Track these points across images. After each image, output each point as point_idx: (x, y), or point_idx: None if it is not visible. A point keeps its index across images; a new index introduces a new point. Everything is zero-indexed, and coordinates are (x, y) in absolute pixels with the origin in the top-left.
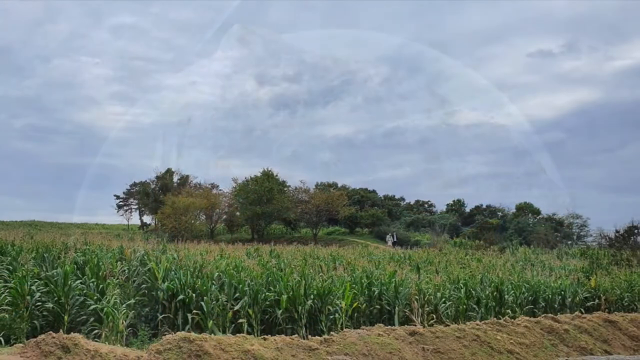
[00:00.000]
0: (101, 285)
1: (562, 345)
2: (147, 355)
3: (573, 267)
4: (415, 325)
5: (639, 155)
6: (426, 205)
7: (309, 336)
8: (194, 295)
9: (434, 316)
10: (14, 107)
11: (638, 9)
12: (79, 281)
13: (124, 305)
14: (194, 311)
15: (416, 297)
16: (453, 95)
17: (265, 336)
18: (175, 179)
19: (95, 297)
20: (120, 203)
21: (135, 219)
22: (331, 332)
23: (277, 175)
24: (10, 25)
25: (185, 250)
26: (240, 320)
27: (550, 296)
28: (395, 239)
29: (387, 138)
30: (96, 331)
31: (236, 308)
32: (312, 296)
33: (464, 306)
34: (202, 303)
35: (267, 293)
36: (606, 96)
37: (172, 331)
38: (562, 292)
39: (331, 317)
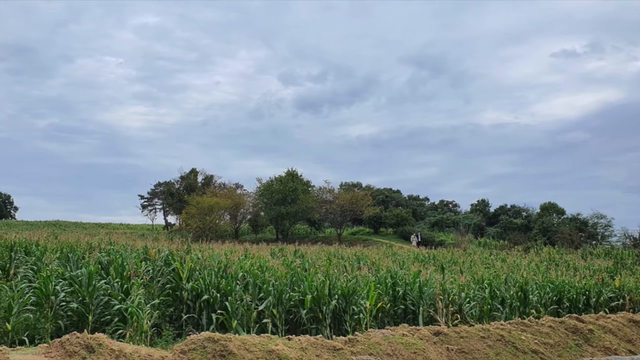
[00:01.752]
0: (125, 285)
1: (586, 345)
2: (172, 355)
3: (597, 267)
4: (440, 325)
5: None
6: (450, 205)
7: (334, 336)
8: (218, 295)
9: (458, 316)
10: (37, 107)
11: None
12: (103, 281)
13: (148, 305)
14: (219, 311)
15: (440, 297)
16: (477, 95)
17: (290, 336)
18: (200, 178)
19: (120, 297)
20: (145, 203)
21: (159, 219)
22: (355, 332)
23: (301, 175)
24: (34, 25)
25: (210, 250)
26: (265, 320)
27: (574, 296)
28: (419, 239)
29: (411, 138)
30: (120, 331)
31: (260, 308)
32: (336, 296)
33: (488, 306)
34: (227, 303)
35: (291, 293)
36: (630, 96)
37: (196, 331)
38: (587, 292)
39: (355, 317)
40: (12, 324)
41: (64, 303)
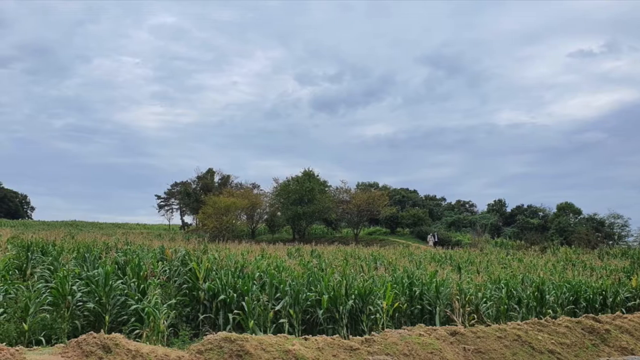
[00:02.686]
0: (142, 285)
1: (603, 345)
2: (188, 355)
3: (614, 267)
4: (457, 325)
5: None
6: (467, 205)
7: (350, 336)
8: (235, 295)
9: (475, 316)
10: (54, 107)
11: None
12: (120, 281)
13: (165, 305)
14: (235, 311)
15: (457, 297)
16: (493, 95)
17: (307, 336)
18: (217, 178)
19: (137, 297)
20: (162, 203)
21: (176, 219)
22: (372, 332)
23: (318, 175)
24: (51, 25)
25: (227, 250)
26: (282, 320)
27: (591, 296)
28: (436, 239)
29: (427, 138)
30: (137, 331)
31: (277, 308)
32: (353, 296)
33: (505, 306)
34: (243, 303)
35: (308, 293)
36: None
37: (213, 331)
38: (603, 292)
39: (372, 317)
40: (28, 323)
41: (80, 303)
